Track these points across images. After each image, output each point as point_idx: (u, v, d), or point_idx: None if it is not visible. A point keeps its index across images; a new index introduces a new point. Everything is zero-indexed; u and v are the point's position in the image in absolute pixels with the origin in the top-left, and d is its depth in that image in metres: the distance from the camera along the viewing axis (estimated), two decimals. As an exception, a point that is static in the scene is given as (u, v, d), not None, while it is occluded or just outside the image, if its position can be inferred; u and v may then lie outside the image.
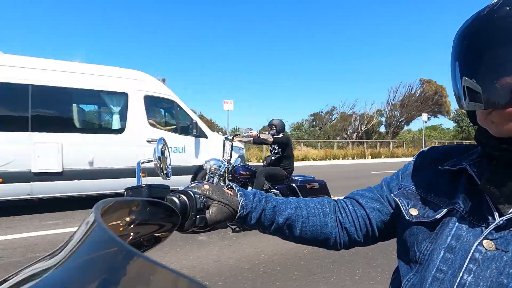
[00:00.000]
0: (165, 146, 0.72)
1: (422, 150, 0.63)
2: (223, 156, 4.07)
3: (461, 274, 0.42)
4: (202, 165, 4.59)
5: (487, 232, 0.42)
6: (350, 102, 54.67)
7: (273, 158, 4.21)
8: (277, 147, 4.20)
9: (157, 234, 0.48)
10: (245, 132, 4.03)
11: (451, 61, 0.46)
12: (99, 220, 0.25)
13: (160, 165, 0.69)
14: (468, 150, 0.55)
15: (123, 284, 0.21)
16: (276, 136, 4.18)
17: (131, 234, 0.42)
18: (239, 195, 0.59)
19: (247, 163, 4.40)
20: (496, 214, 0.43)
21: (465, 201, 0.47)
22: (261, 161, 4.20)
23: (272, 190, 4.08)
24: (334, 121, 29.91)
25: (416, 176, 0.58)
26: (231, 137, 4.16)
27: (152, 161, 0.69)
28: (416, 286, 0.47)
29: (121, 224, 0.40)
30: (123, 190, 0.53)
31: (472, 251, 0.42)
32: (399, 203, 0.55)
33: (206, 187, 0.57)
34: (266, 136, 4.15)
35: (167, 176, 0.75)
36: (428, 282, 0.45)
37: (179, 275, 0.20)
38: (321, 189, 4.16)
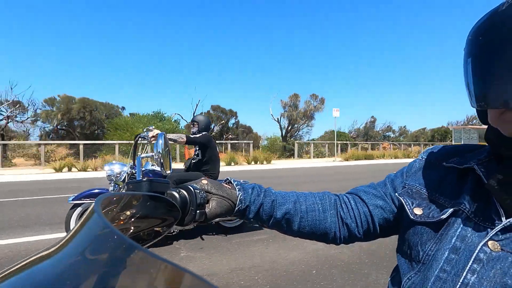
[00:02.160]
0: (166, 140, 0.72)
1: (429, 148, 0.62)
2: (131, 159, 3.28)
3: (464, 274, 0.41)
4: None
5: (493, 233, 0.41)
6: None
7: (193, 161, 3.65)
8: (197, 149, 3.64)
9: (157, 228, 0.49)
10: (146, 131, 3.18)
11: (464, 58, 0.45)
12: (99, 213, 0.25)
13: (161, 160, 0.69)
14: (475, 149, 0.54)
15: (123, 277, 0.21)
16: (193, 136, 3.50)
17: (132, 227, 0.42)
18: (237, 189, 0.59)
19: (157, 168, 3.45)
20: (503, 216, 0.42)
21: (471, 201, 0.46)
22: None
23: None
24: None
25: (422, 175, 0.57)
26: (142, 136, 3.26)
27: (153, 155, 0.69)
28: (418, 285, 0.46)
29: (121, 218, 0.40)
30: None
31: (476, 251, 0.41)
32: (403, 202, 0.54)
33: (205, 181, 0.58)
34: (176, 135, 3.33)
35: (168, 169, 0.75)
36: (430, 281, 0.44)
37: (179, 268, 0.20)
38: None
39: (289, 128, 27.56)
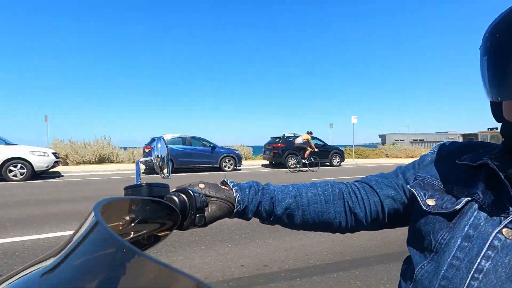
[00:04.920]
0: (164, 144, 0.72)
1: (442, 142, 0.62)
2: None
3: (478, 260, 0.42)
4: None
5: (507, 221, 0.42)
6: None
7: None
8: None
9: (156, 233, 0.49)
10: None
11: (481, 54, 0.47)
12: (99, 218, 0.25)
13: (159, 164, 0.69)
14: (488, 146, 0.56)
15: (123, 283, 0.21)
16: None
17: (131, 232, 0.42)
18: (234, 190, 0.59)
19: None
20: None
21: (484, 192, 0.47)
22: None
23: None
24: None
25: (434, 167, 0.57)
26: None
27: (151, 159, 0.69)
28: (431, 273, 0.47)
29: (121, 223, 0.40)
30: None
31: (491, 238, 0.42)
32: (415, 193, 0.55)
33: (202, 186, 0.58)
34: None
35: (166, 174, 0.74)
36: (443, 268, 0.45)
37: (179, 273, 0.20)
38: None
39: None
